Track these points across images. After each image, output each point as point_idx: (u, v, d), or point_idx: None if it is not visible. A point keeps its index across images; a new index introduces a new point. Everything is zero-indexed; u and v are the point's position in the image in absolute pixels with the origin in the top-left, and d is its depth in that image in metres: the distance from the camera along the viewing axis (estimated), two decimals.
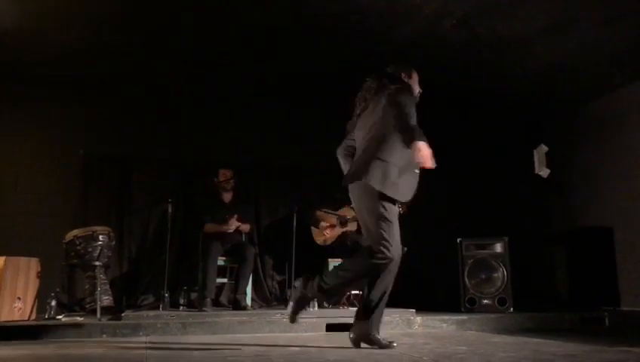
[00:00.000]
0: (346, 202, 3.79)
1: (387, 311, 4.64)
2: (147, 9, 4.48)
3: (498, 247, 5.30)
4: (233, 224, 5.21)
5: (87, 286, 4.70)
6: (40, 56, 5.21)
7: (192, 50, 5.21)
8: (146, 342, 3.52)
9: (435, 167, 2.76)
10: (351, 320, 4.25)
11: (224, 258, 5.18)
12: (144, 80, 5.80)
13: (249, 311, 4.75)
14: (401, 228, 3.03)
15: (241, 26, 4.77)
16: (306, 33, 4.86)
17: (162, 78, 5.79)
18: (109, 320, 4.17)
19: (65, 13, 4.49)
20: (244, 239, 5.44)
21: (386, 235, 2.90)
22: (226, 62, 5.47)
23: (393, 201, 2.97)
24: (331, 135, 6.25)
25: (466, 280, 5.27)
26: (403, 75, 3.29)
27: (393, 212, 2.98)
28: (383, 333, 4.11)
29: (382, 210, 2.92)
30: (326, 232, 5.41)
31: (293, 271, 5.18)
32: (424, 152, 2.70)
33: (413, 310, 4.65)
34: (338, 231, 5.39)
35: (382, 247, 2.89)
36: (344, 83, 5.91)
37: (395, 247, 2.93)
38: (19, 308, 4.37)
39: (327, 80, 5.85)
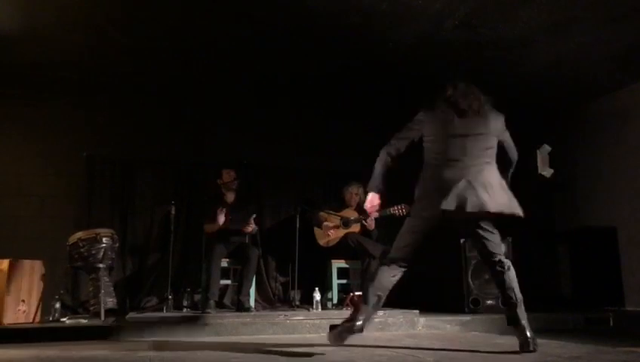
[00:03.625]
0: None
1: (390, 311, 4.67)
2: (148, 10, 4.49)
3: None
4: (222, 217, 5.15)
5: (90, 289, 4.70)
6: (42, 58, 5.23)
7: (194, 51, 5.22)
8: (149, 344, 3.53)
9: None
10: None
11: (227, 259, 5.19)
12: (146, 81, 5.81)
13: (252, 313, 4.75)
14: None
15: (241, 27, 4.77)
16: (307, 34, 4.87)
17: (164, 79, 5.80)
18: (112, 322, 4.17)
19: (67, 16, 4.51)
20: (247, 240, 5.44)
21: None
22: (227, 62, 5.48)
23: None
24: (334, 135, 6.33)
25: (470, 280, 5.26)
26: None
27: None
28: (387, 334, 4.13)
29: None
30: (329, 233, 5.41)
31: (296, 273, 5.17)
32: None
33: (417, 311, 4.64)
34: (341, 232, 5.39)
35: None
36: (346, 84, 5.98)
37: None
38: (23, 311, 4.38)
39: (328, 81, 5.86)
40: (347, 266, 5.40)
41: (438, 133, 3.15)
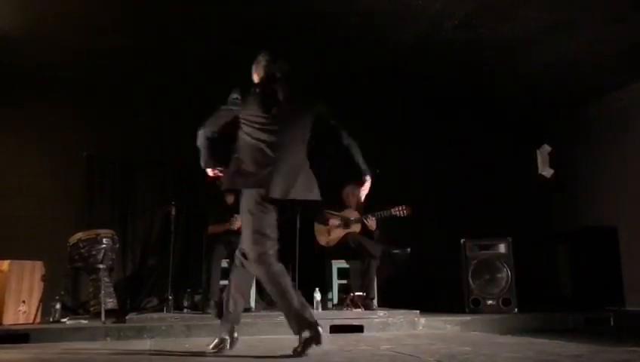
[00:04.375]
0: None
1: (391, 312, 4.67)
2: (149, 11, 4.49)
3: (502, 248, 5.29)
4: (237, 221, 5.18)
5: (91, 289, 4.70)
6: (43, 59, 5.23)
7: (194, 51, 5.22)
8: (150, 345, 3.53)
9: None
10: (354, 322, 4.29)
11: (228, 260, 5.18)
12: (147, 82, 5.81)
13: (253, 313, 4.75)
14: (405, 230, 3.07)
15: (242, 28, 4.78)
16: (307, 34, 4.86)
17: (165, 79, 5.80)
18: (113, 322, 4.17)
19: (67, 17, 4.51)
20: None
21: None
22: (227, 62, 5.47)
23: None
24: None
25: (470, 281, 5.25)
26: None
27: None
28: (388, 335, 4.13)
29: None
30: (336, 224, 5.36)
31: (296, 273, 5.17)
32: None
33: (418, 311, 4.64)
34: (342, 232, 5.38)
35: None
36: (346, 84, 5.97)
37: None
38: (23, 312, 4.38)
39: (328, 81, 5.85)
40: (347, 266, 5.40)
41: (254, 117, 3.18)
